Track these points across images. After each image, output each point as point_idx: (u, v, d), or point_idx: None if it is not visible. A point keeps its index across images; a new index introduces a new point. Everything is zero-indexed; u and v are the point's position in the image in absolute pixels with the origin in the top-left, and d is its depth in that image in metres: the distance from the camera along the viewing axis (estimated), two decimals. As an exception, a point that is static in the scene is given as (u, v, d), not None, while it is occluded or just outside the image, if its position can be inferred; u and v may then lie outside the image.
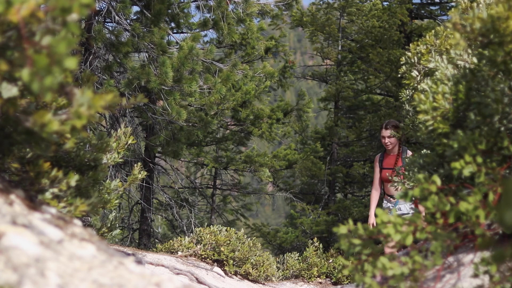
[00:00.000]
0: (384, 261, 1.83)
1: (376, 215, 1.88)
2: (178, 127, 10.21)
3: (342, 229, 1.88)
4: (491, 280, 1.84)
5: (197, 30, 10.27)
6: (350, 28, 18.27)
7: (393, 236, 1.80)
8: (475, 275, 1.89)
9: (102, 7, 8.97)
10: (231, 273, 6.23)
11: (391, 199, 5.91)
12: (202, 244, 6.41)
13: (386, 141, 5.77)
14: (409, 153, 5.82)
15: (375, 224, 5.73)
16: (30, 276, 1.17)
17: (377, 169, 6.02)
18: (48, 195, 2.20)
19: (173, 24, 10.54)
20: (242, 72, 9.45)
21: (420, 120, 2.50)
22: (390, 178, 5.64)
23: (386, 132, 5.77)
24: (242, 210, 18.45)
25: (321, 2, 18.40)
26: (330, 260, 8.21)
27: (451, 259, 2.40)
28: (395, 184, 3.45)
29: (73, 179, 2.24)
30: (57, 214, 1.73)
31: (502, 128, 2.19)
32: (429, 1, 18.57)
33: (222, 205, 17.72)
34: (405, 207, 5.75)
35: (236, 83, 10.99)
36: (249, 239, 6.65)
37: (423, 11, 18.52)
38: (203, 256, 6.33)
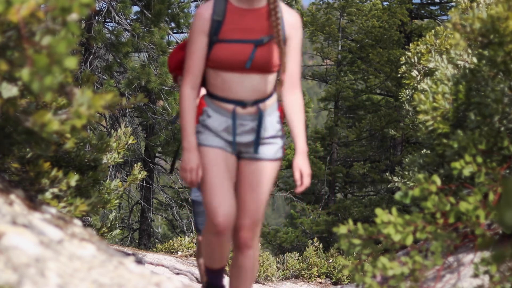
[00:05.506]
0: (384, 261, 1.83)
1: (376, 215, 1.87)
2: (178, 127, 10.21)
3: (342, 229, 1.88)
4: (491, 280, 1.84)
5: (197, 30, 10.24)
6: (350, 28, 18.29)
7: (393, 236, 1.80)
8: (475, 275, 1.89)
9: (102, 7, 8.97)
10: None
11: (239, 107, 2.48)
12: (202, 244, 6.40)
13: None
14: (291, 17, 2.45)
15: (199, 172, 2.40)
16: (30, 276, 1.17)
17: (202, 40, 2.42)
18: (48, 195, 2.20)
19: (173, 24, 10.54)
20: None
21: (420, 120, 2.51)
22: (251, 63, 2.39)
23: None
24: (242, 210, 18.39)
25: (321, 2, 18.42)
26: (330, 260, 8.21)
27: (451, 259, 2.40)
28: (395, 183, 3.38)
29: (73, 179, 2.24)
30: (57, 214, 1.73)
31: (502, 128, 2.19)
32: (429, 1, 18.57)
33: (222, 205, 17.65)
34: (271, 124, 2.54)
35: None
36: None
37: (423, 11, 18.53)
38: (203, 256, 6.32)
